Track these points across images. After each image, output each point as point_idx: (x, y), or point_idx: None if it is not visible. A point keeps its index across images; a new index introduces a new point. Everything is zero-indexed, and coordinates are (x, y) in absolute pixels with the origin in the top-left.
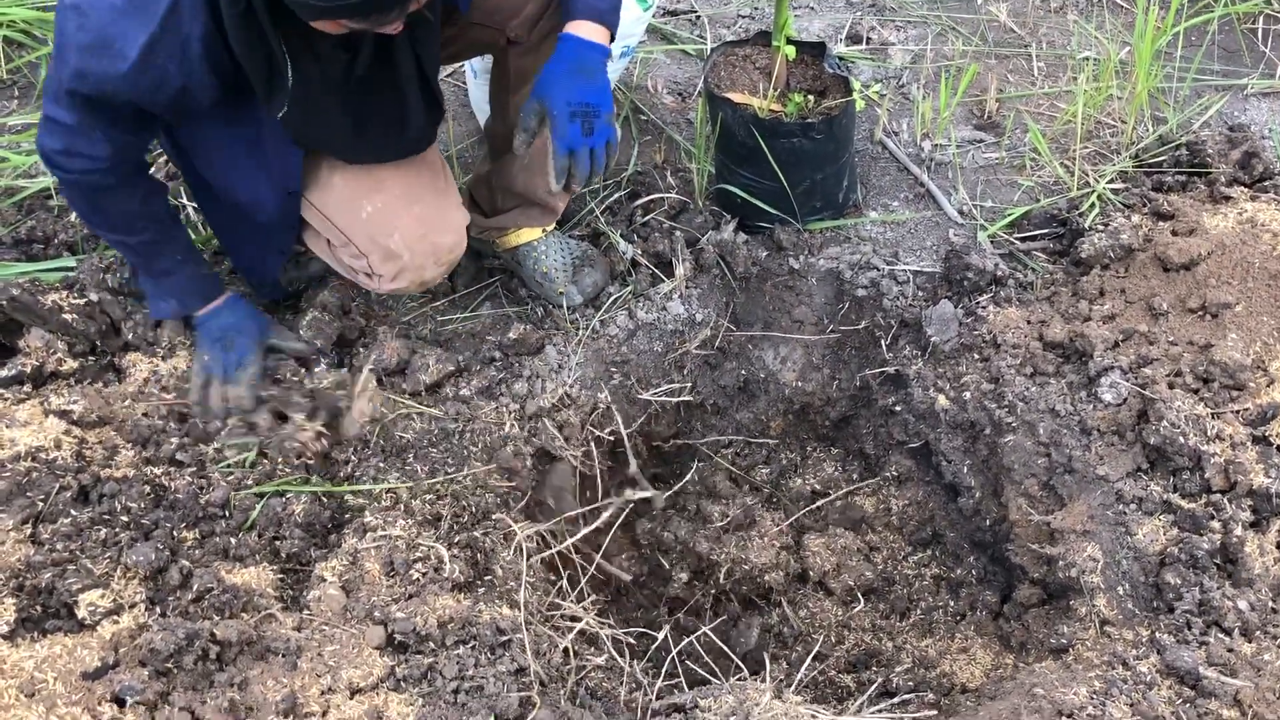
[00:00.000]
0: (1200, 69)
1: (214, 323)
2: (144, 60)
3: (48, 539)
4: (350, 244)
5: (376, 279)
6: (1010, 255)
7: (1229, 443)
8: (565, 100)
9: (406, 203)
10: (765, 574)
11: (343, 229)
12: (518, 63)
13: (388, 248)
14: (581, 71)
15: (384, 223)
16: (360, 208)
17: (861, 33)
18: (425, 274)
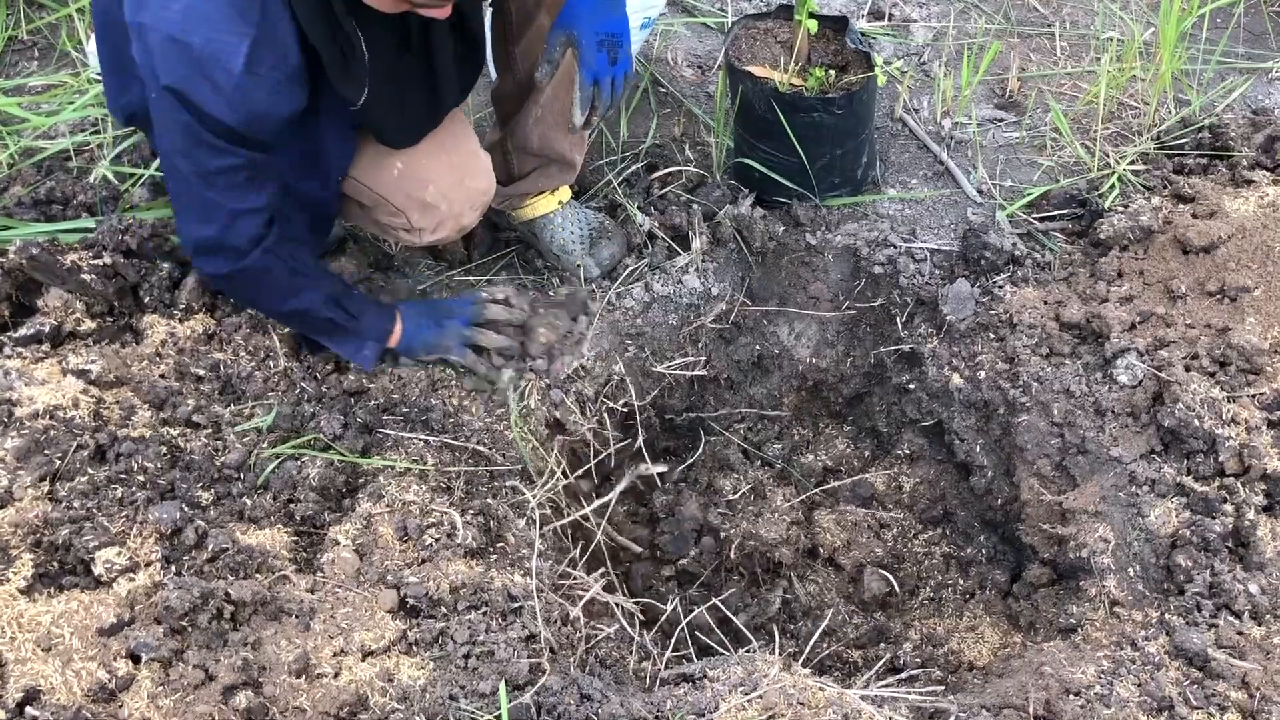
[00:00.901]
0: (1225, 51)
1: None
2: (252, 69)
3: (65, 496)
4: (386, 203)
5: (417, 233)
6: (1028, 235)
7: (1244, 426)
8: (593, 30)
9: (436, 154)
10: (776, 549)
11: (377, 189)
12: (519, 3)
13: (424, 200)
14: (609, 2)
15: (417, 177)
16: (391, 165)
17: (884, 8)
18: (464, 219)
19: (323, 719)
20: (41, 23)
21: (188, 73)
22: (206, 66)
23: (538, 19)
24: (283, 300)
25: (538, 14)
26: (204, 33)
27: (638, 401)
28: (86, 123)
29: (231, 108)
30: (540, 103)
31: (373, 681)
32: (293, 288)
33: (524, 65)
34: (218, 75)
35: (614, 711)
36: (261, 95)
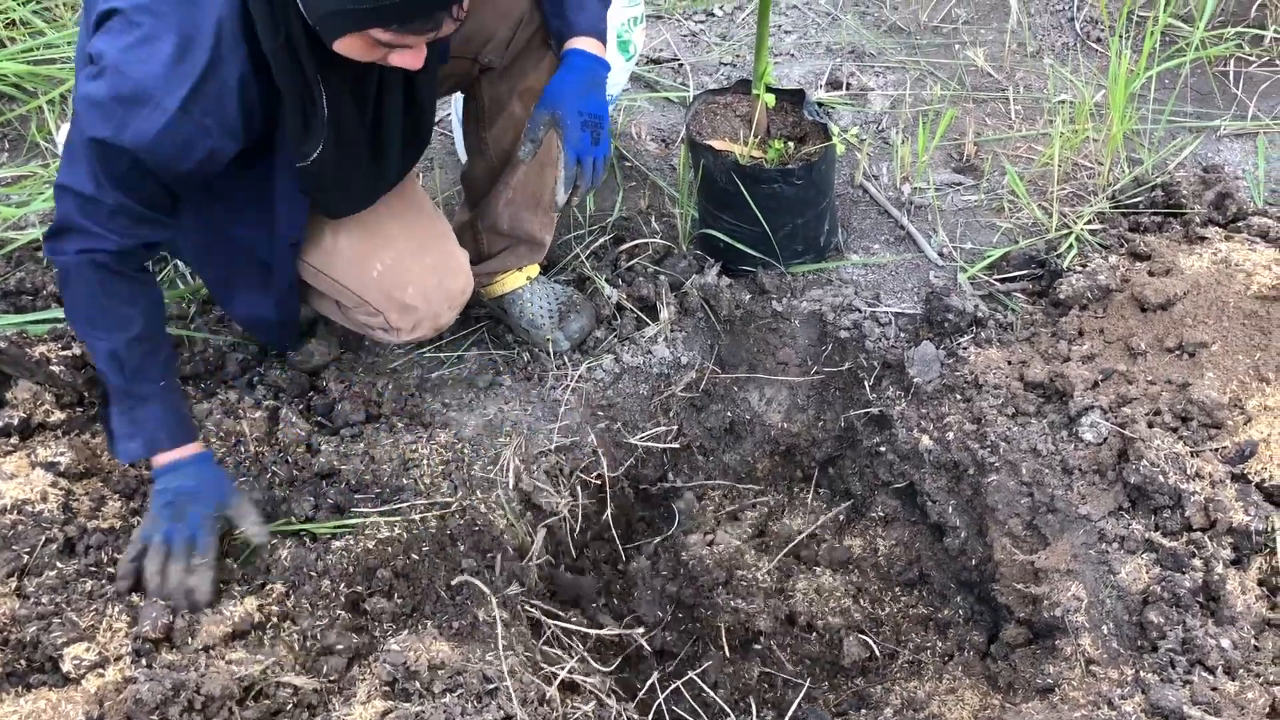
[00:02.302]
0: (1174, 111)
1: (172, 479)
2: (183, 112)
3: (33, 592)
4: (364, 304)
5: (395, 332)
6: (990, 296)
7: (1208, 481)
8: (578, 110)
9: (416, 254)
10: (754, 618)
11: (355, 290)
12: (491, 91)
13: (403, 302)
14: (593, 86)
15: (397, 278)
16: (370, 267)
17: (841, 79)
18: (442, 319)
19: None
20: (12, 115)
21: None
22: (137, 104)
23: (509, 106)
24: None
25: (510, 102)
26: (144, 69)
27: (610, 473)
28: None
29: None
30: (511, 184)
31: None
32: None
33: (496, 150)
34: (147, 112)
35: None
36: (191, 133)
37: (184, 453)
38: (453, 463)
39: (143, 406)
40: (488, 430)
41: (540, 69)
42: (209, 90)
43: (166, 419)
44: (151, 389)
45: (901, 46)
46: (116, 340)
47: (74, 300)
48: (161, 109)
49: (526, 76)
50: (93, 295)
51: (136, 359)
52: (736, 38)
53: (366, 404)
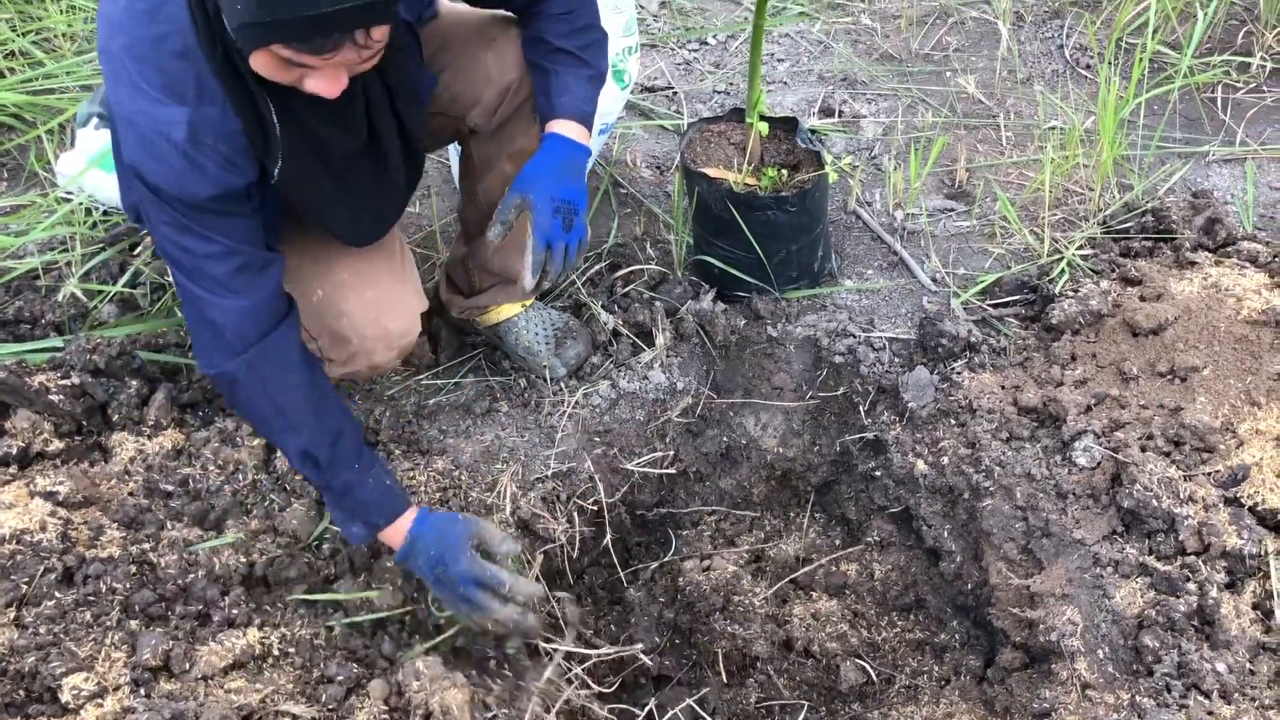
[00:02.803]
0: (1163, 137)
1: (415, 557)
2: (195, 141)
3: (31, 622)
4: (304, 328)
5: (328, 364)
6: (983, 321)
7: (1201, 505)
8: (550, 195)
9: (358, 286)
10: (751, 643)
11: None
12: (481, 150)
13: (336, 331)
14: (568, 171)
15: (332, 307)
16: (312, 291)
17: (834, 106)
18: (375, 358)
19: None
20: (11, 144)
21: (141, 153)
22: (154, 146)
23: (499, 165)
24: (266, 429)
25: (500, 161)
26: (146, 114)
27: (607, 499)
28: (55, 241)
29: (185, 183)
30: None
31: None
32: (271, 421)
33: (486, 200)
34: (165, 152)
35: None
36: (210, 168)
37: (402, 525)
38: (450, 489)
39: (349, 495)
40: (485, 457)
41: (529, 135)
42: (209, 120)
43: (374, 500)
44: (349, 476)
45: (893, 74)
46: (301, 440)
47: (249, 406)
48: (171, 141)
49: (515, 140)
50: (261, 401)
51: (327, 450)
52: (730, 66)
53: (364, 431)
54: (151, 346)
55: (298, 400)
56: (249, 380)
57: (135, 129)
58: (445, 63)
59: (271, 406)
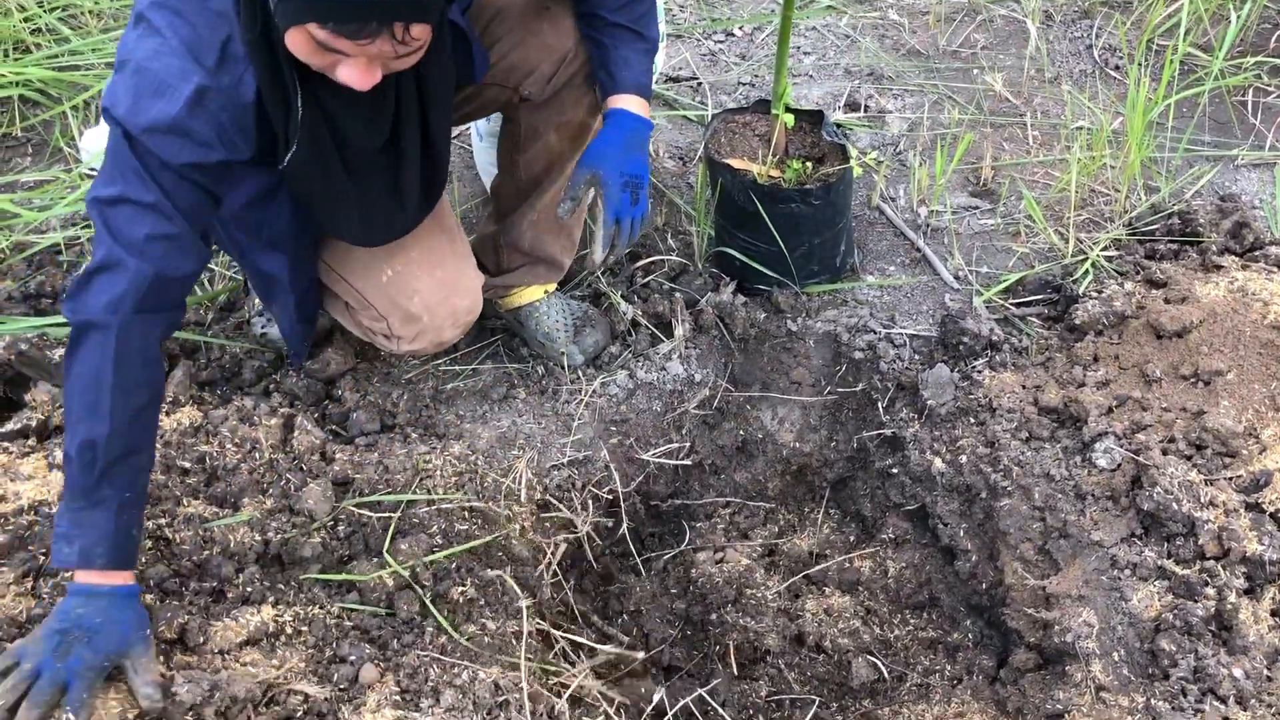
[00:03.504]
0: (1192, 140)
1: (79, 605)
2: (200, 104)
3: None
4: (371, 307)
5: (396, 340)
6: (1005, 320)
7: (1222, 509)
8: (619, 170)
9: (427, 266)
10: (762, 636)
11: (363, 293)
12: (529, 119)
13: (408, 310)
14: (635, 145)
15: (405, 286)
16: (381, 271)
17: (860, 100)
18: (444, 335)
19: None
20: (36, 120)
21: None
22: (155, 95)
23: (545, 136)
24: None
25: (546, 132)
26: (161, 62)
27: (622, 489)
28: (78, 217)
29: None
30: (538, 207)
31: None
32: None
33: (526, 173)
34: (164, 104)
35: None
36: (200, 134)
37: (110, 579)
38: (466, 474)
39: (94, 511)
40: (501, 443)
41: (580, 106)
42: (222, 89)
43: (114, 536)
44: (113, 496)
45: (920, 70)
46: (100, 429)
47: (77, 368)
48: (176, 98)
49: (565, 111)
50: (99, 367)
51: (114, 456)
52: (755, 58)
53: (381, 414)
54: None
55: (128, 391)
56: (104, 342)
57: (143, 74)
58: (500, 33)
59: (100, 381)
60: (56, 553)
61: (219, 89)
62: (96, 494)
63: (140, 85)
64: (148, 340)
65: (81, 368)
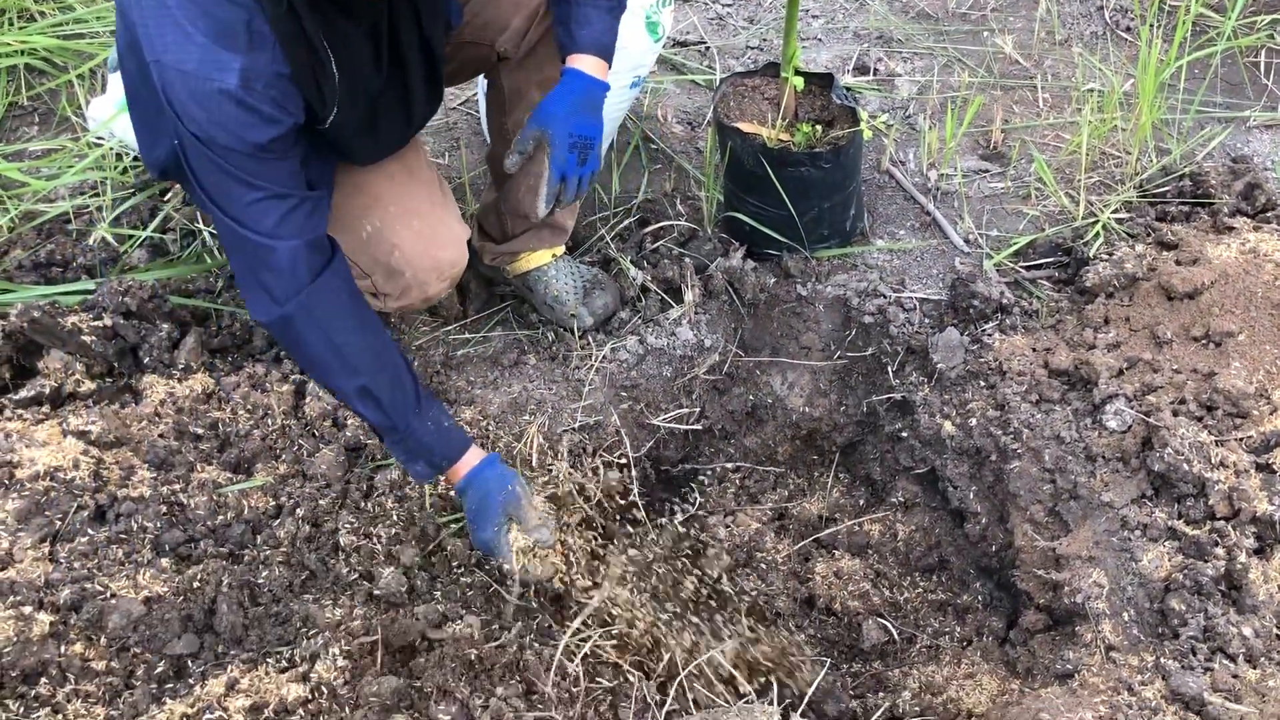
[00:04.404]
0: (1203, 101)
1: (467, 496)
2: (248, 85)
3: (65, 557)
4: (354, 265)
5: (383, 298)
6: (1016, 284)
7: (1233, 470)
8: (567, 131)
9: (405, 218)
10: (773, 599)
11: (346, 250)
12: (510, 80)
13: (389, 265)
14: (586, 107)
15: (384, 241)
16: (360, 228)
17: (869, 64)
18: (429, 289)
19: None
20: (42, 89)
21: (191, 105)
22: (206, 96)
23: (528, 94)
24: (324, 371)
25: (529, 90)
26: (196, 60)
27: (633, 454)
28: (86, 186)
29: (238, 130)
30: (533, 172)
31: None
32: (330, 363)
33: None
34: (218, 100)
35: None
36: (263, 112)
37: (464, 467)
38: (478, 439)
39: (411, 436)
40: (512, 408)
41: (558, 61)
42: (260, 65)
43: (436, 442)
44: (410, 417)
45: (929, 33)
46: (362, 379)
47: (307, 350)
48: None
49: (543, 69)
50: (320, 346)
51: (388, 391)
52: (764, 21)
53: None
54: (182, 292)
55: (355, 340)
56: (306, 322)
57: (184, 79)
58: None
59: (330, 347)
60: (416, 475)
61: (257, 68)
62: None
63: (188, 88)
64: (337, 292)
65: (309, 349)
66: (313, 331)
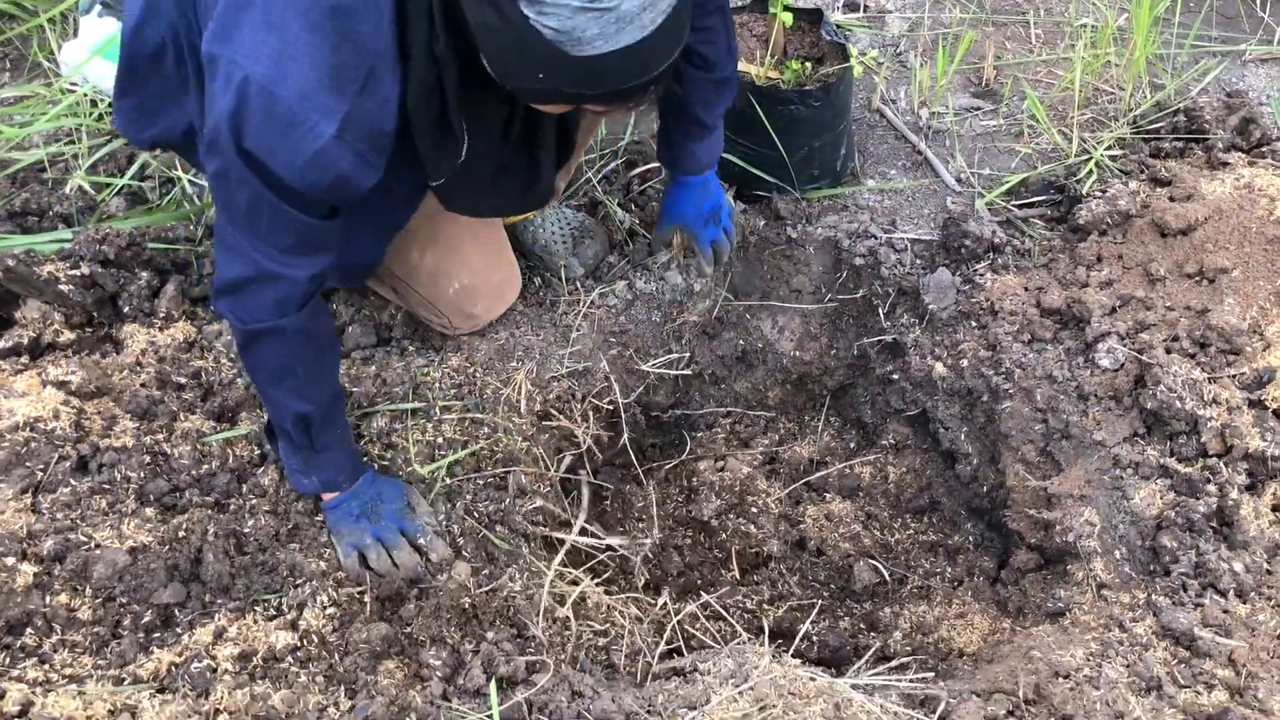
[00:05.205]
0: (1198, 35)
1: (352, 502)
2: (342, 137)
3: (48, 509)
4: (437, 311)
5: (452, 329)
6: (1008, 223)
7: (1225, 407)
8: (697, 214)
9: (487, 273)
10: (765, 542)
11: (429, 299)
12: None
13: (471, 313)
14: (705, 192)
15: (469, 296)
16: (449, 284)
17: (859, 0)
18: (493, 316)
19: None
20: (12, 33)
21: (269, 136)
22: (290, 128)
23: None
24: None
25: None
26: (296, 88)
27: (623, 400)
28: (61, 133)
29: (307, 173)
30: None
31: None
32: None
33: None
34: (300, 138)
35: (605, 707)
36: (345, 163)
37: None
38: (465, 386)
39: (322, 455)
40: (500, 355)
41: None
42: (364, 116)
43: (345, 464)
44: (332, 439)
45: None
46: (309, 406)
47: (265, 364)
48: (316, 133)
49: None
50: (286, 365)
51: (323, 419)
52: None
53: (378, 326)
54: (161, 239)
55: (316, 366)
56: (291, 339)
57: (270, 101)
58: None
59: (292, 371)
60: (297, 484)
61: (359, 117)
62: (320, 444)
63: (271, 116)
64: (318, 318)
65: (270, 363)
66: (288, 349)
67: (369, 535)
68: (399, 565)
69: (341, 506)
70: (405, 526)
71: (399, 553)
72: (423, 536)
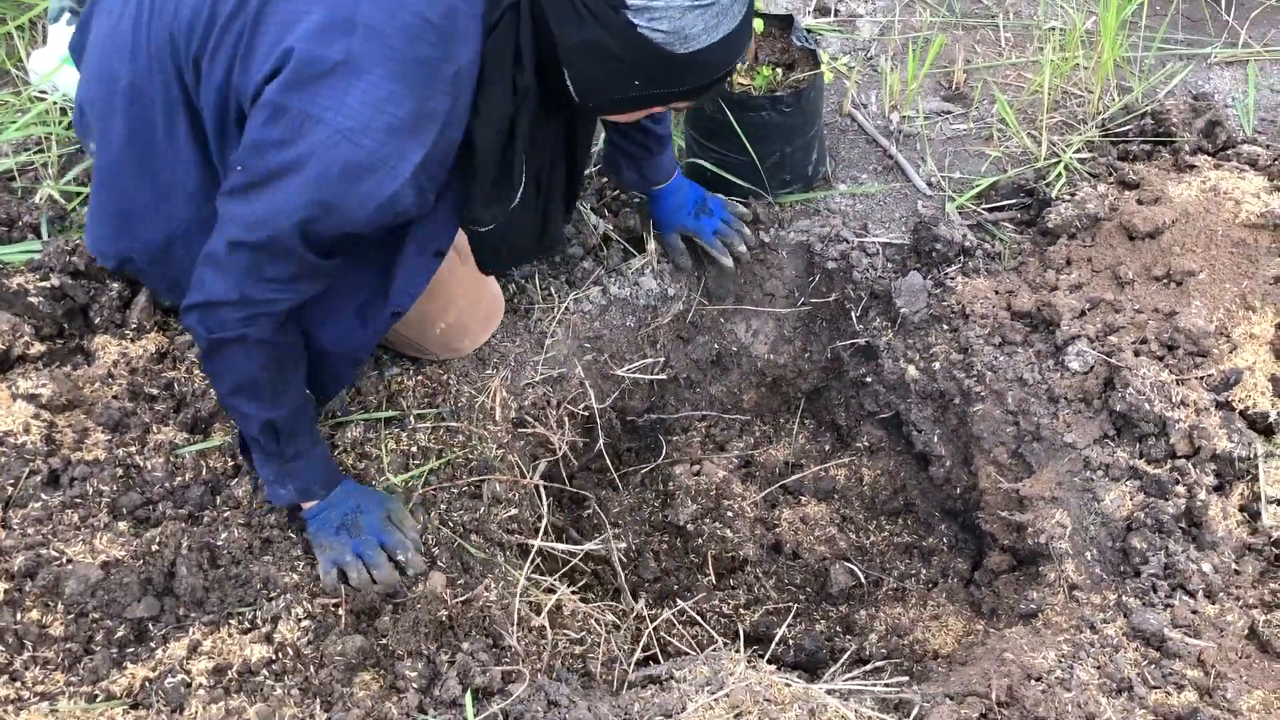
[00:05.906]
0: (1165, 38)
1: (330, 513)
2: (415, 179)
3: (19, 524)
4: (423, 348)
5: (434, 358)
6: (978, 226)
7: (1193, 408)
8: (688, 213)
9: (472, 310)
10: (740, 546)
11: (415, 340)
12: None
13: (459, 349)
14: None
15: (456, 334)
16: (434, 326)
17: (829, 5)
18: (480, 343)
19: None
20: None
21: (341, 177)
22: (366, 173)
23: None
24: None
25: None
26: (379, 138)
27: (598, 405)
28: (30, 141)
29: (376, 215)
30: None
31: None
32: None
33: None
34: (374, 182)
35: (581, 716)
36: (409, 200)
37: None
38: (439, 394)
39: (294, 463)
40: (474, 362)
41: None
42: (436, 157)
43: (319, 471)
44: (305, 447)
45: None
46: (275, 413)
47: (230, 374)
48: (392, 177)
49: None
50: (252, 374)
51: (291, 426)
52: None
53: None
54: None
55: (280, 378)
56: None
57: (354, 150)
58: None
59: (258, 381)
60: (274, 495)
61: (431, 159)
62: (289, 452)
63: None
64: (285, 330)
65: (234, 374)
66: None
67: (349, 552)
68: (377, 582)
69: (320, 516)
70: (385, 541)
71: (379, 571)
72: (402, 552)
